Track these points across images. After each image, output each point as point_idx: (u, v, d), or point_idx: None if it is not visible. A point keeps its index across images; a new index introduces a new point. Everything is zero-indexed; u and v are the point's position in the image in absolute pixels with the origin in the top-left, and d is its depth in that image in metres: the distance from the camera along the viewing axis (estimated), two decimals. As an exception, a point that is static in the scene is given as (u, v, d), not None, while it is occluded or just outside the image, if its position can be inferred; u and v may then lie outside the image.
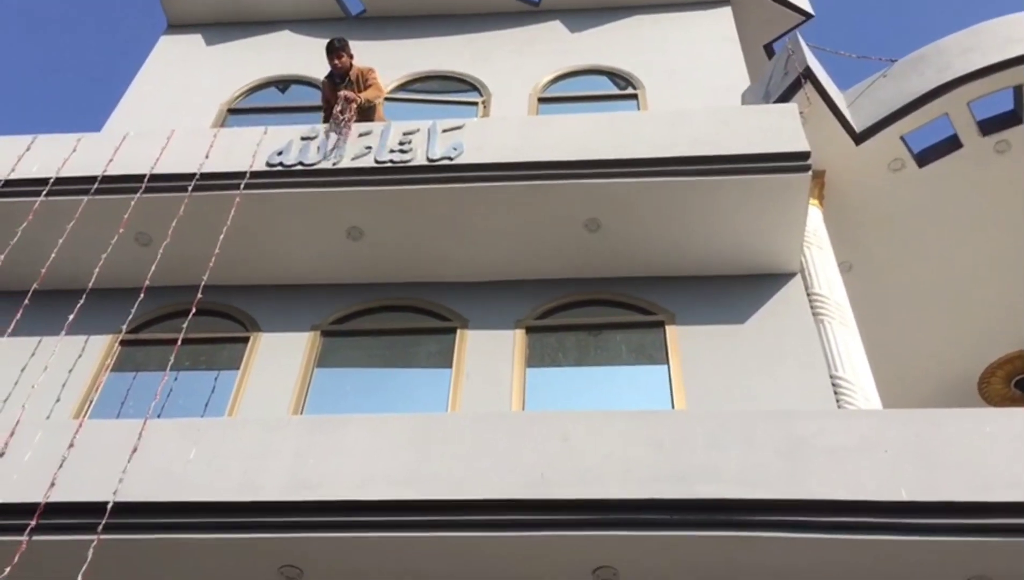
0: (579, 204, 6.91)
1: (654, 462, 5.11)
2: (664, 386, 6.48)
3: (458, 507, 5.08)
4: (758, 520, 4.84)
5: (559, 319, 7.09)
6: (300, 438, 5.40)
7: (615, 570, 5.08)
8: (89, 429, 5.47)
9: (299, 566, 5.17)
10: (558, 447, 5.26)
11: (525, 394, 6.56)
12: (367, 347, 7.17)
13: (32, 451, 5.34)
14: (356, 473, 5.21)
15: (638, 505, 4.96)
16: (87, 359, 6.88)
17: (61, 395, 6.60)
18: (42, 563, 5.05)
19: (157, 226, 6.93)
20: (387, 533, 5.07)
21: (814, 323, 6.75)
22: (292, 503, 5.11)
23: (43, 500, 5.05)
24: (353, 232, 7.17)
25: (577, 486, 5.07)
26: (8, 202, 6.99)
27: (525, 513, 5.03)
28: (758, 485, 4.94)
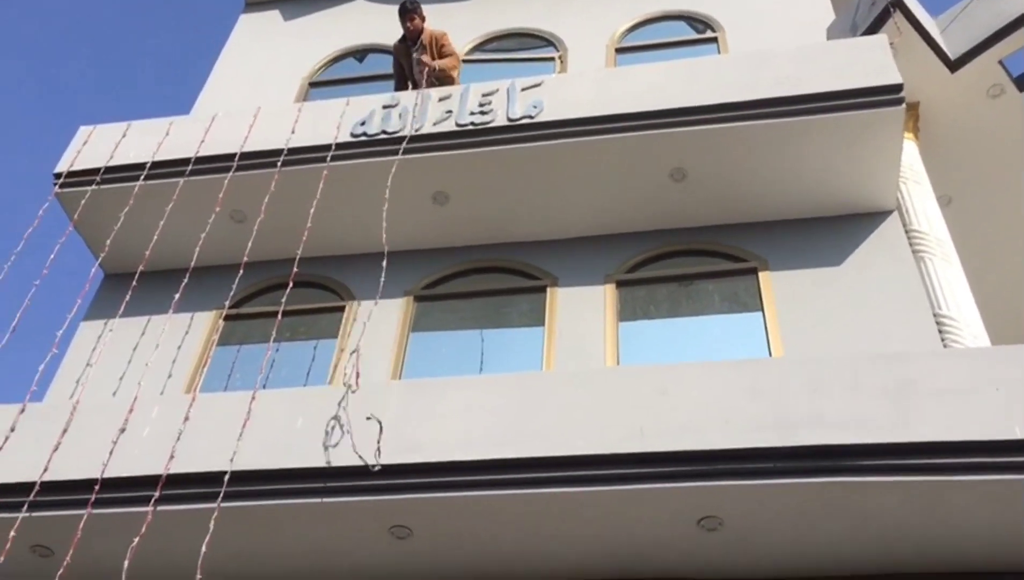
0: (663, 154, 6.82)
1: (755, 411, 5.07)
2: (760, 334, 6.40)
3: (559, 463, 5.13)
4: (865, 465, 4.77)
5: (649, 272, 7.04)
6: (402, 402, 5.52)
7: (720, 519, 5.08)
8: (202, 402, 5.70)
9: (408, 526, 5.32)
10: (656, 400, 5.26)
11: (619, 349, 6.56)
12: (460, 310, 7.25)
13: (150, 426, 5.59)
14: (457, 434, 5.31)
15: (740, 454, 4.94)
16: (194, 335, 7.15)
17: (172, 371, 6.87)
18: (167, 533, 5.31)
19: (250, 202, 7.11)
20: (490, 491, 5.15)
21: (914, 261, 6.56)
22: (398, 466, 5.24)
23: (164, 472, 5.29)
24: (439, 197, 7.23)
25: (677, 438, 5.07)
26: (109, 189, 7.25)
27: (626, 467, 5.06)
28: (864, 430, 4.85)
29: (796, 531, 5.09)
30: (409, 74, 8.21)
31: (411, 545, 5.39)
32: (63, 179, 7.35)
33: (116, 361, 6.88)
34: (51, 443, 5.52)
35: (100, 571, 5.51)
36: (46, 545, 5.50)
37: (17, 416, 5.68)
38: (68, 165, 7.43)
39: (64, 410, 5.77)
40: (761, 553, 5.22)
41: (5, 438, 5.57)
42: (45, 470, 5.37)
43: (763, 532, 5.12)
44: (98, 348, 6.97)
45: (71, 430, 5.59)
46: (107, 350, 6.90)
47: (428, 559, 5.47)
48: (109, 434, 5.54)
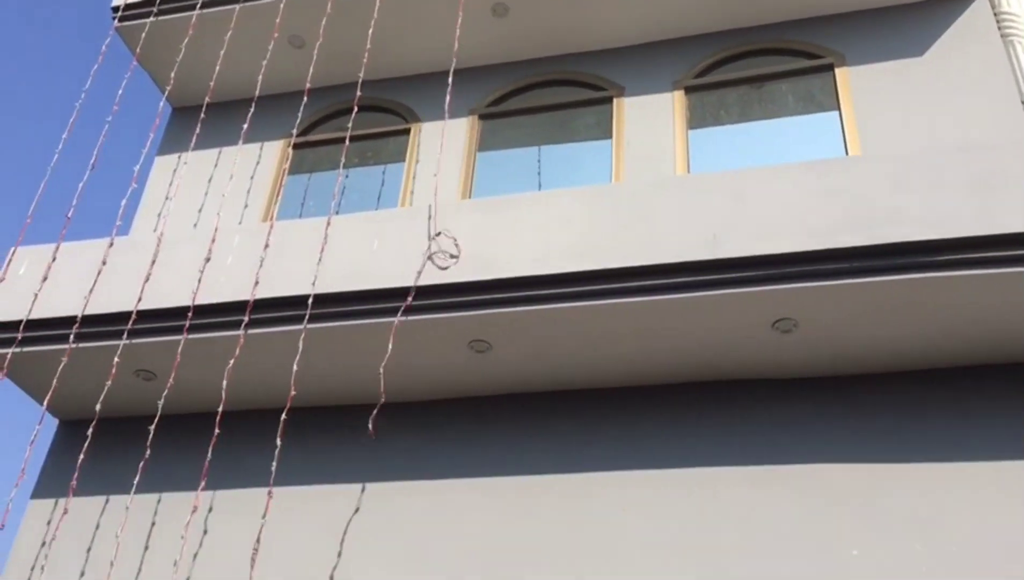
0: (733, -53, 6.45)
1: (833, 211, 4.99)
2: (837, 134, 6.21)
3: (633, 273, 5.18)
4: (946, 260, 4.71)
5: (718, 75, 6.80)
6: (475, 220, 5.57)
7: (795, 321, 5.12)
8: (280, 230, 5.83)
9: (487, 340, 5.48)
10: (731, 206, 5.21)
11: (689, 157, 6.45)
12: (525, 126, 7.15)
13: (233, 255, 5.76)
14: (532, 249, 5.37)
15: (817, 256, 4.91)
16: (265, 165, 7.23)
17: (248, 201, 7.00)
18: (259, 354, 5.58)
19: (308, 26, 7.00)
20: (566, 304, 5.24)
21: (1003, 46, 6.19)
22: (475, 283, 5.34)
23: (251, 298, 5.49)
24: (498, 8, 7.00)
25: (752, 242, 5.04)
26: (168, 20, 7.18)
27: (700, 274, 5.08)
28: (946, 224, 4.76)
29: (873, 329, 5.11)
30: None
31: (491, 358, 5.58)
32: (122, 12, 7.29)
33: (193, 194, 7.03)
34: (142, 274, 5.75)
35: (201, 391, 5.87)
36: (149, 369, 5.82)
37: (107, 250, 5.90)
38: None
39: (150, 243, 5.97)
40: (836, 352, 5.28)
41: (98, 271, 5.80)
42: (139, 299, 5.62)
43: (839, 332, 5.15)
44: (174, 182, 7.12)
45: (159, 261, 5.81)
46: (183, 183, 7.05)
47: (508, 371, 5.66)
48: (195, 264, 5.74)
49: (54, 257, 5.89)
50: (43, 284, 5.78)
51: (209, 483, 5.63)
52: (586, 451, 5.47)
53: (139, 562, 5.56)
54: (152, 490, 5.78)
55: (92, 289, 5.70)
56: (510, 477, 5.45)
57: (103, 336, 5.62)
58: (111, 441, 6.01)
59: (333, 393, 5.91)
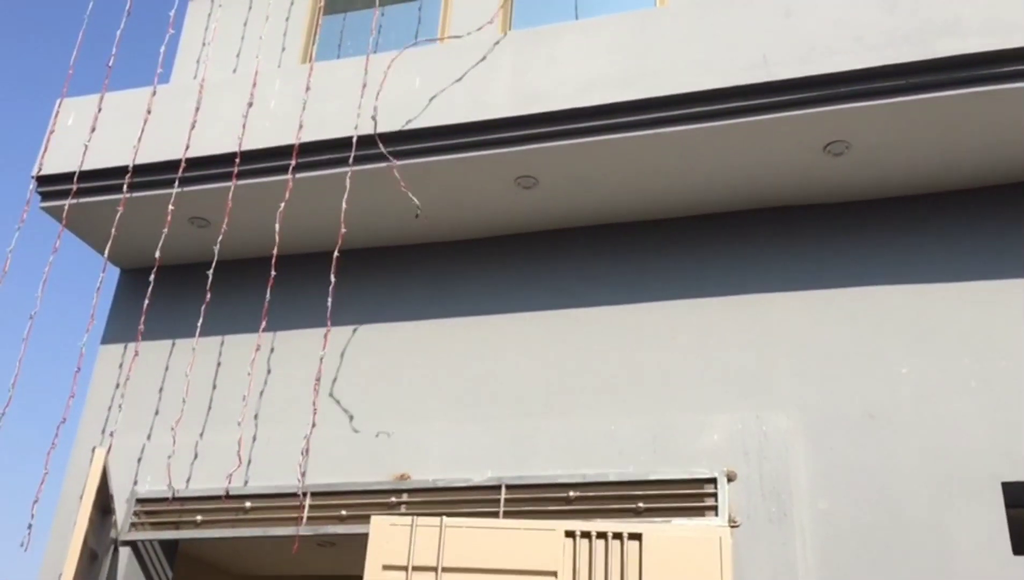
0: None
1: (888, 24, 4.80)
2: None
3: (680, 101, 5.07)
4: (1007, 71, 4.53)
5: None
6: (517, 53, 5.45)
7: (847, 143, 5.01)
8: (320, 71, 5.76)
9: (534, 175, 5.46)
10: (780, 23, 5.03)
11: (737, -25, 6.16)
12: (564, -50, 6.86)
13: (275, 98, 5.74)
14: (576, 80, 5.26)
15: (869, 74, 4.75)
16: (299, 5, 7.06)
17: (285, 43, 6.90)
18: (308, 196, 5.63)
19: None
20: (612, 135, 5.18)
21: None
22: (518, 117, 5.28)
23: (296, 141, 5.50)
24: None
25: (803, 63, 4.89)
26: None
27: (749, 98, 4.96)
28: (1006, 34, 4.55)
29: (927, 149, 4.99)
30: None
31: (538, 193, 5.57)
32: None
33: (230, 37, 6.93)
34: (187, 122, 5.77)
35: (255, 236, 5.99)
36: (202, 217, 5.93)
37: (150, 99, 5.91)
38: None
39: (192, 89, 5.95)
40: (887, 174, 5.18)
41: (144, 120, 5.83)
42: (187, 147, 5.66)
43: (892, 153, 5.05)
44: (210, 26, 7.02)
45: (202, 108, 5.81)
46: (219, 27, 6.94)
47: (556, 206, 5.66)
48: (239, 109, 5.74)
49: (99, 108, 5.92)
50: (91, 135, 5.83)
51: (269, 324, 5.82)
52: (639, 281, 5.53)
53: (208, 400, 5.84)
54: (216, 333, 5.99)
55: (140, 138, 5.74)
56: (564, 309, 5.55)
57: (155, 185, 5.71)
58: (172, 287, 6.20)
59: (383, 233, 5.98)
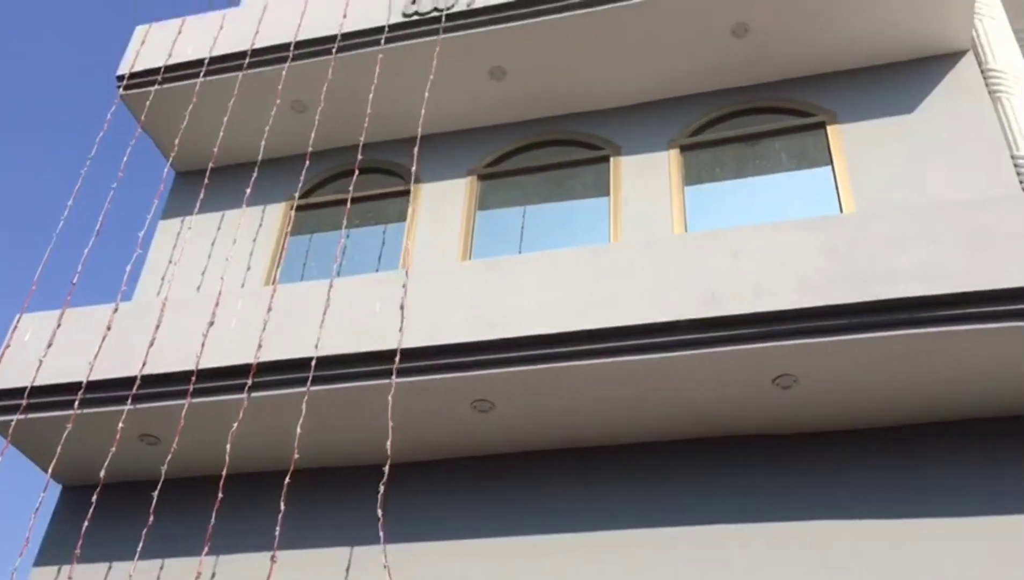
0: (723, 10, 6.60)
1: (829, 268, 5.06)
2: (830, 189, 6.31)
3: (633, 332, 5.23)
4: (943, 315, 4.76)
5: (713, 134, 6.92)
6: (476, 281, 5.63)
7: (795, 377, 5.16)
8: (283, 293, 5.89)
9: (490, 399, 5.51)
10: (728, 263, 5.28)
11: (686, 214, 6.54)
12: (524, 185, 7.25)
13: (236, 318, 5.82)
14: (533, 308, 5.42)
15: (814, 313, 4.96)
16: (268, 227, 7.32)
17: (251, 263, 7.08)
18: (263, 417, 5.60)
19: (310, 92, 7.14)
20: (567, 362, 5.29)
21: (991, 101, 6.31)
22: (476, 343, 5.39)
23: (255, 361, 5.53)
24: (496, 72, 7.15)
25: (750, 300, 5.10)
26: (172, 87, 7.32)
27: (699, 332, 5.13)
28: (941, 280, 4.82)
29: (873, 384, 5.14)
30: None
31: (494, 417, 5.60)
32: (126, 81, 7.44)
33: (196, 257, 7.11)
34: (146, 339, 5.80)
35: (204, 455, 5.88)
36: (152, 434, 5.84)
37: (111, 315, 5.96)
38: (129, 67, 7.51)
39: (154, 307, 6.03)
40: (837, 407, 5.30)
41: (103, 336, 5.85)
42: (144, 364, 5.66)
43: (839, 387, 5.19)
44: (178, 245, 7.20)
45: (163, 326, 5.86)
46: (187, 247, 7.13)
47: (511, 430, 5.68)
48: (199, 328, 5.79)
49: (59, 323, 5.95)
50: (48, 350, 5.83)
51: (213, 548, 5.61)
52: (588, 509, 5.47)
53: (142, 629, 5.53)
54: (156, 555, 5.75)
55: (97, 355, 5.74)
56: (513, 537, 5.44)
57: (108, 402, 5.66)
58: (115, 506, 6.00)
59: (336, 455, 5.92)
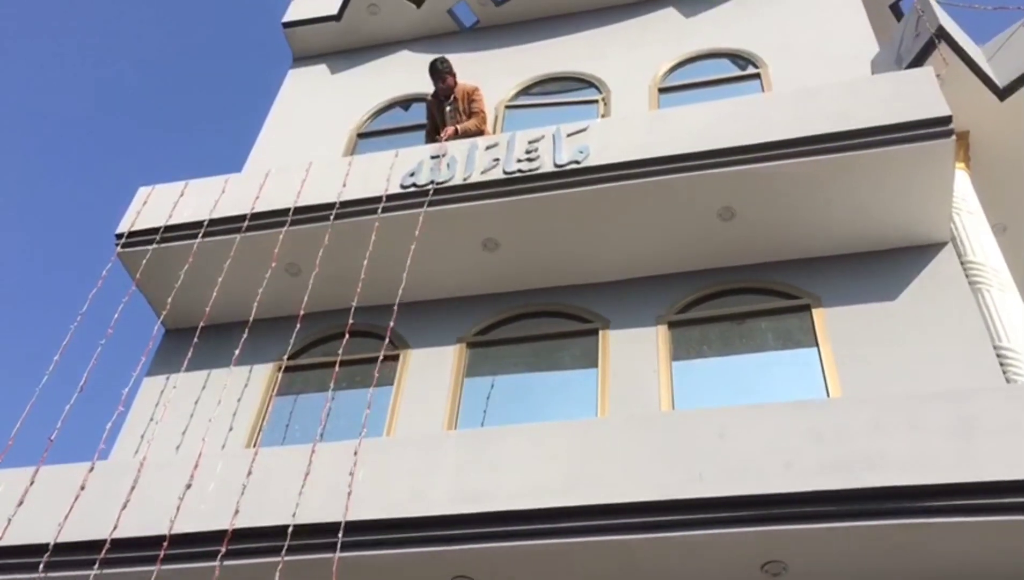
0: (710, 194, 6.85)
1: (815, 452, 5.04)
2: (816, 371, 6.36)
3: (618, 510, 5.14)
4: (930, 506, 4.72)
5: (701, 311, 7.04)
6: (461, 451, 5.58)
7: (784, 564, 5.05)
8: (264, 457, 5.80)
9: (471, 576, 5.35)
10: (714, 443, 5.25)
11: (673, 389, 6.56)
12: (512, 355, 7.29)
13: (215, 481, 5.70)
14: (517, 482, 5.35)
15: (802, 498, 4.91)
16: (253, 388, 7.29)
17: (233, 423, 7.00)
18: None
19: (305, 256, 7.27)
20: (551, 540, 5.18)
21: (971, 292, 6.47)
22: (458, 516, 5.28)
23: (230, 527, 5.39)
24: (489, 243, 7.32)
25: (737, 482, 5.05)
26: (169, 247, 7.45)
27: (685, 513, 5.05)
28: (928, 470, 4.80)
29: (862, 573, 5.03)
30: (442, 126, 8.38)
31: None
32: (125, 239, 7.57)
33: (179, 416, 7.03)
34: (120, 500, 5.65)
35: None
36: (117, 605, 5.61)
37: (87, 474, 5.83)
38: (129, 225, 7.65)
39: (131, 467, 5.91)
40: (828, 597, 5.16)
41: (75, 496, 5.71)
42: (115, 527, 5.50)
43: (828, 575, 5.07)
44: (161, 403, 7.14)
45: (139, 487, 5.73)
46: (170, 405, 7.06)
47: (490, 608, 5.48)
48: (176, 490, 5.66)
49: (32, 481, 5.81)
50: (17, 509, 5.67)
51: None
52: None
53: None
54: None
55: (67, 516, 5.58)
56: None
57: (74, 564, 5.46)
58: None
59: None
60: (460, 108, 8.33)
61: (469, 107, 8.32)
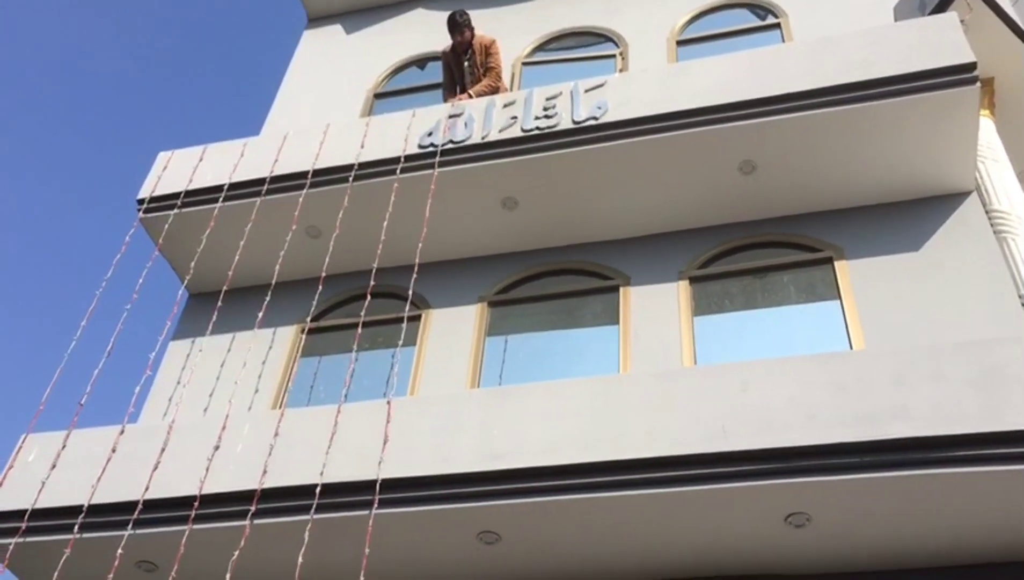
0: (730, 148, 6.78)
1: (838, 405, 5.04)
2: (839, 323, 6.33)
3: (642, 466, 5.17)
4: (954, 456, 4.71)
5: (722, 266, 7.01)
6: (484, 410, 5.62)
7: (807, 515, 5.07)
8: (290, 418, 5.87)
9: (496, 531, 5.41)
10: (737, 397, 5.26)
11: (695, 345, 6.55)
12: (533, 313, 7.31)
13: (242, 443, 5.78)
14: (540, 439, 5.39)
15: (825, 450, 4.92)
16: (277, 350, 7.35)
17: (259, 386, 7.08)
18: (264, 545, 5.50)
19: (325, 218, 7.28)
20: (575, 495, 5.22)
21: (996, 242, 6.40)
22: (482, 473, 5.34)
23: (259, 487, 5.47)
24: (508, 202, 7.30)
25: (760, 435, 5.06)
26: (191, 212, 7.49)
27: (709, 467, 5.08)
28: (952, 421, 4.79)
29: (887, 525, 5.05)
30: (460, 81, 8.32)
31: (500, 549, 5.50)
32: (146, 205, 7.61)
33: (205, 379, 7.11)
34: (150, 463, 5.75)
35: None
36: (151, 561, 5.74)
37: (117, 437, 5.93)
38: (150, 191, 7.69)
39: (161, 430, 6.00)
40: (851, 547, 5.20)
41: (107, 459, 5.81)
42: (147, 489, 5.60)
43: (852, 527, 5.09)
44: (187, 367, 7.22)
45: (168, 449, 5.82)
46: (196, 369, 7.14)
47: (517, 562, 5.56)
48: (204, 452, 5.75)
49: (64, 444, 5.92)
50: (51, 472, 5.78)
51: None
52: (596, 650, 5.30)
53: None
54: None
55: (100, 478, 5.69)
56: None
57: (108, 526, 5.57)
58: (107, 635, 5.83)
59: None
60: (478, 62, 8.25)
61: (486, 61, 8.24)
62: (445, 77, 8.55)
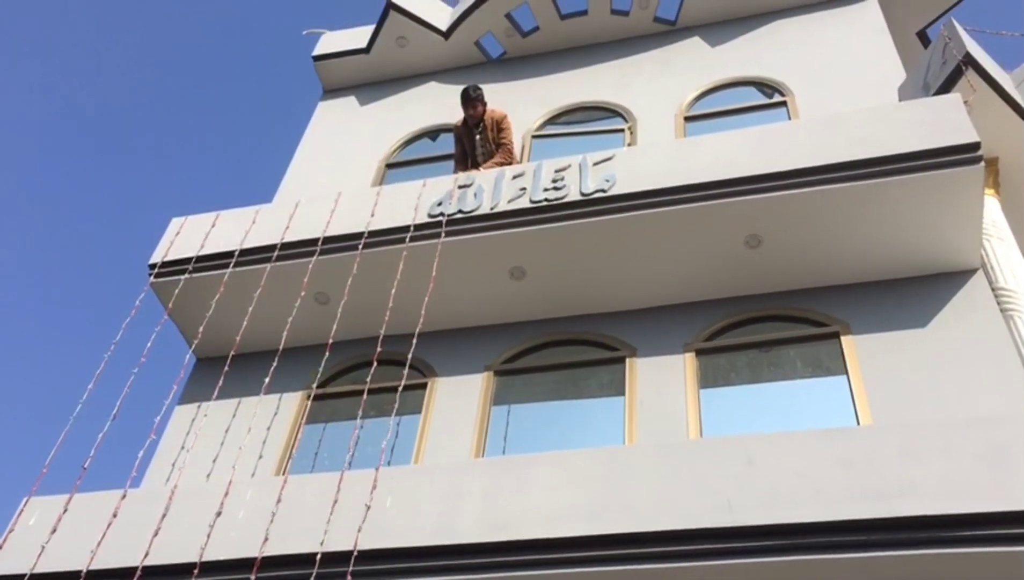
0: (737, 222, 6.85)
1: (846, 481, 4.99)
2: (846, 399, 6.31)
3: (646, 539, 5.12)
4: (963, 536, 4.65)
5: (728, 339, 7.01)
6: (488, 479, 5.58)
7: (817, 597, 4.98)
8: (293, 484, 5.84)
9: (498, 603, 5.33)
10: (743, 471, 5.22)
11: (701, 417, 6.53)
12: (539, 383, 7.30)
13: (245, 509, 5.74)
14: (544, 510, 5.34)
15: (832, 527, 4.86)
16: (283, 416, 7.34)
17: (263, 451, 7.05)
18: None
19: (334, 285, 7.34)
20: (578, 568, 5.16)
21: (1002, 319, 6.40)
22: (486, 544, 5.28)
23: (259, 555, 5.42)
24: (516, 272, 7.35)
25: (766, 510, 5.01)
26: (201, 277, 7.55)
27: (714, 541, 5.02)
28: (961, 498, 4.74)
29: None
30: (471, 153, 8.46)
31: (501, 622, 5.40)
32: (158, 269, 7.68)
33: (209, 444, 7.10)
34: (151, 528, 5.71)
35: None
36: (147, 631, 5.65)
37: (119, 502, 5.90)
38: (162, 256, 7.78)
39: (163, 495, 5.97)
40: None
41: (108, 524, 5.77)
42: (147, 555, 5.55)
43: (861, 606, 5.00)
44: (192, 432, 7.21)
45: (170, 514, 5.78)
46: (200, 433, 7.13)
47: (518, 638, 5.45)
48: (206, 518, 5.71)
49: (65, 508, 5.88)
50: (51, 536, 5.73)
51: None
52: None
53: None
54: None
55: (100, 543, 5.64)
56: None
57: (105, 593, 5.51)
58: None
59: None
60: (489, 137, 8.41)
61: (497, 137, 8.39)
62: (456, 149, 8.70)
